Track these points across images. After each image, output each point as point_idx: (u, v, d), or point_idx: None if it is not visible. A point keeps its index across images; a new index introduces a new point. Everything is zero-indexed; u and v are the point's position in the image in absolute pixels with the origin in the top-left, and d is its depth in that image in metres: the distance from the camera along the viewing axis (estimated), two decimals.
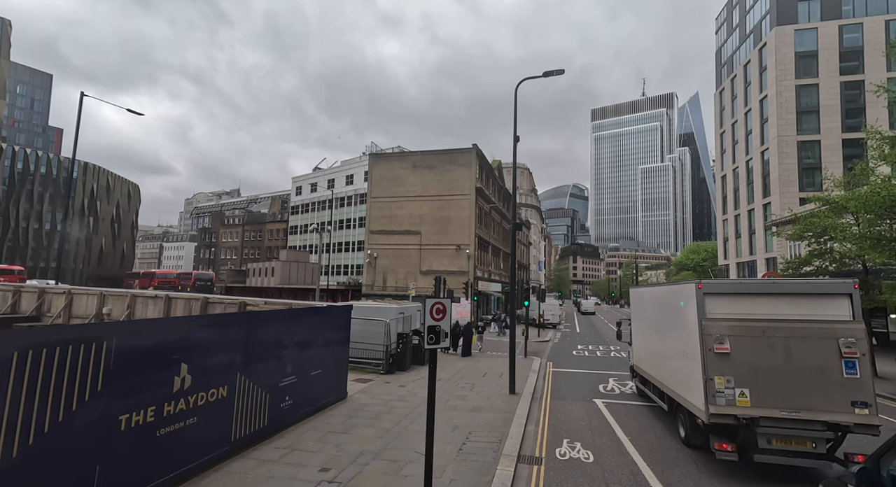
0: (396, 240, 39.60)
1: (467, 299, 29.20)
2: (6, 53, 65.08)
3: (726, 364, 7.20)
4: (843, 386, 6.80)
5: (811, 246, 19.60)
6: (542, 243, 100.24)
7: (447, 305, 5.67)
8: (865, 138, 17.33)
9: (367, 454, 7.49)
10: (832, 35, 39.34)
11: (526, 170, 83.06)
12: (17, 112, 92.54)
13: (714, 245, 70.98)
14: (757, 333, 7.23)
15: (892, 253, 15.24)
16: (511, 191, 34.24)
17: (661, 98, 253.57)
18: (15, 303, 22.57)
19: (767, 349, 7.13)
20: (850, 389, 6.76)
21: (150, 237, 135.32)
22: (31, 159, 69.86)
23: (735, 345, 7.23)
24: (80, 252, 73.78)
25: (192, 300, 18.76)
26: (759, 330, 7.23)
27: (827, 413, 6.77)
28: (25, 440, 4.36)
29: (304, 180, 62.75)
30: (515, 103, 13.99)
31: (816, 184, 36.18)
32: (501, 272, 48.69)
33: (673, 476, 7.30)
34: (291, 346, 8.75)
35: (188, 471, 6.20)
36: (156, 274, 55.67)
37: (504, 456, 7.58)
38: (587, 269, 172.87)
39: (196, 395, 6.29)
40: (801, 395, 6.90)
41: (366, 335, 14.68)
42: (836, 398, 6.79)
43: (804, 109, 39.44)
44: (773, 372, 7.04)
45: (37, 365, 4.47)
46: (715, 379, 7.20)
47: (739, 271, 46.75)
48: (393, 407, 10.50)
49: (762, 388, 7.02)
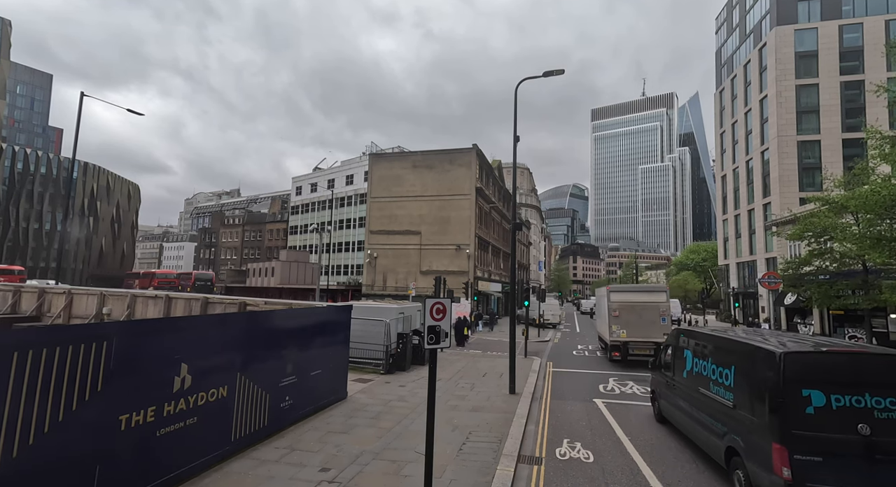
0: (396, 240, 39.60)
1: (467, 299, 29.21)
2: (6, 53, 65.06)
3: (617, 320, 18.23)
4: (659, 327, 17.59)
5: (811, 246, 19.60)
6: (542, 243, 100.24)
7: (447, 305, 5.67)
8: (865, 138, 17.31)
9: (368, 454, 7.48)
10: (832, 35, 39.32)
11: (526, 170, 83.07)
12: (17, 112, 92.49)
13: (714, 245, 70.92)
14: (629, 307, 18.30)
15: (892, 253, 15.23)
16: (511, 191, 34.25)
17: (661, 98, 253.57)
18: (15, 303, 22.55)
19: (634, 313, 18.13)
20: (661, 328, 17.36)
21: (150, 237, 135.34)
22: (31, 159, 69.85)
23: (621, 312, 18.26)
24: (80, 252, 73.79)
25: (192, 300, 18.74)
26: (630, 306, 18.34)
27: (653, 337, 17.32)
28: (26, 440, 4.36)
29: (304, 180, 62.75)
30: (515, 104, 13.97)
31: (816, 184, 36.17)
32: (501, 272, 48.69)
33: (673, 476, 7.31)
34: (291, 346, 8.74)
35: (188, 471, 6.20)
36: (156, 275, 55.64)
37: (504, 456, 7.58)
38: (587, 269, 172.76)
39: (196, 395, 6.29)
40: (645, 331, 17.81)
41: (366, 335, 14.67)
42: (656, 332, 17.34)
43: (804, 109, 39.42)
44: (635, 323, 18.00)
45: (37, 365, 4.47)
46: (612, 326, 18.32)
47: (739, 271, 46.76)
48: (393, 407, 10.49)
49: (631, 329, 18.00)
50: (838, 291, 18.70)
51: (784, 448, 5.52)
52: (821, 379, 5.67)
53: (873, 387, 5.53)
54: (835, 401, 5.53)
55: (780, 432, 5.59)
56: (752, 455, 6.13)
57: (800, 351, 5.98)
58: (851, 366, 5.82)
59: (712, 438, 7.35)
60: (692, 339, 8.86)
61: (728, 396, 6.98)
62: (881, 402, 5.45)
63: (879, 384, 5.57)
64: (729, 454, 6.77)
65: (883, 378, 5.63)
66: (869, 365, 5.85)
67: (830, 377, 5.69)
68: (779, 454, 5.54)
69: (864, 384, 5.57)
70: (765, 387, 5.99)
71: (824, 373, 5.74)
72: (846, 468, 5.36)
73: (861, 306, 18.27)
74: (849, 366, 5.82)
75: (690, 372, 8.56)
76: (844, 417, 5.47)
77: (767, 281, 24.47)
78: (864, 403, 5.48)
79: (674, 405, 9.32)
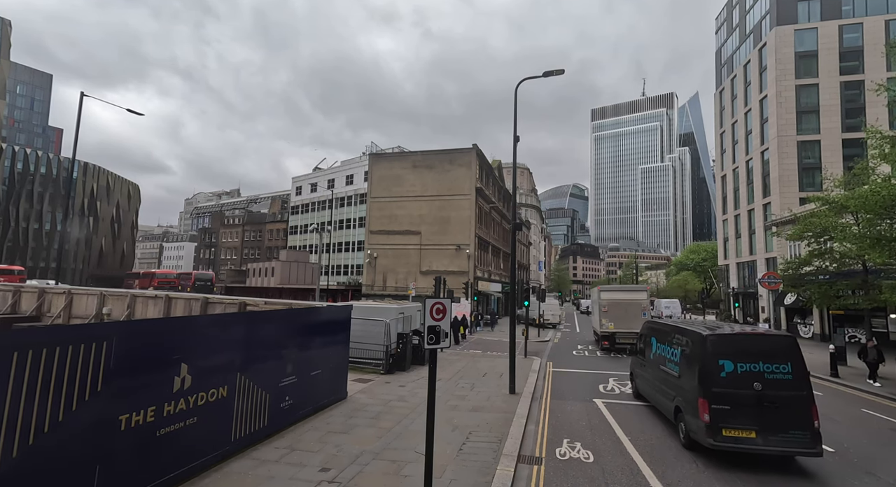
0: (396, 240, 39.59)
1: (467, 299, 29.21)
2: (6, 53, 65.03)
3: (606, 314, 22.70)
4: (641, 320, 17.60)
5: (811, 246, 19.60)
6: (542, 243, 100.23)
7: (447, 305, 5.67)
8: (866, 138, 17.31)
9: (368, 454, 7.48)
10: (832, 35, 39.30)
11: (526, 170, 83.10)
12: (17, 112, 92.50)
13: (714, 245, 70.93)
14: (616, 304, 22.69)
15: (892, 253, 15.24)
16: (511, 191, 34.21)
17: (661, 98, 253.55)
18: (15, 303, 22.55)
19: (620, 309, 22.42)
20: (643, 321, 14.86)
21: (150, 237, 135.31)
22: (31, 159, 69.83)
23: (609, 308, 22.67)
24: (80, 252, 73.77)
25: (192, 300, 18.73)
26: (617, 303, 22.71)
27: (636, 329, 16.82)
28: (26, 440, 4.36)
29: (304, 180, 62.74)
30: (515, 104, 13.98)
31: (816, 184, 36.14)
32: (501, 272, 48.68)
33: (673, 476, 7.31)
34: (291, 346, 8.74)
35: (188, 471, 6.20)
36: (156, 275, 55.58)
37: (504, 456, 7.58)
38: (587, 269, 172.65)
39: (196, 395, 6.29)
40: (629, 323, 21.08)
41: (366, 335, 14.67)
42: (638, 324, 16.07)
43: (804, 109, 39.40)
44: (621, 317, 22.20)
45: (37, 365, 4.46)
46: (602, 320, 22.87)
47: (739, 271, 46.75)
48: (393, 407, 10.49)
49: (617, 322, 22.13)
50: (838, 291, 18.70)
51: (706, 401, 7.87)
52: (731, 352, 8.06)
53: (764, 357, 7.93)
54: (739, 367, 7.91)
55: (703, 390, 7.97)
56: (688, 409, 8.48)
57: (718, 334, 8.47)
58: (751, 344, 8.24)
59: (667, 401, 9.81)
60: (657, 328, 11.35)
61: (675, 369, 9.49)
62: (769, 367, 7.87)
63: (768, 355, 7.97)
64: (676, 411, 9.13)
65: (770, 351, 8.05)
66: (762, 342, 8.32)
67: (737, 351, 8.08)
68: (702, 405, 7.90)
69: (759, 355, 7.97)
70: (696, 360, 8.43)
71: (733, 349, 8.13)
72: (744, 413, 7.66)
73: (861, 306, 18.28)
74: (749, 343, 8.24)
75: (655, 354, 10.98)
76: (745, 378, 7.84)
77: (767, 282, 24.48)
78: (758, 368, 7.86)
79: (645, 381, 11.74)
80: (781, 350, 8.04)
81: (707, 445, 7.72)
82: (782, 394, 7.67)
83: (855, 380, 16.34)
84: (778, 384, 7.73)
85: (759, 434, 7.52)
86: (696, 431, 8.07)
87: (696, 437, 8.06)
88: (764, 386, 7.70)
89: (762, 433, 7.51)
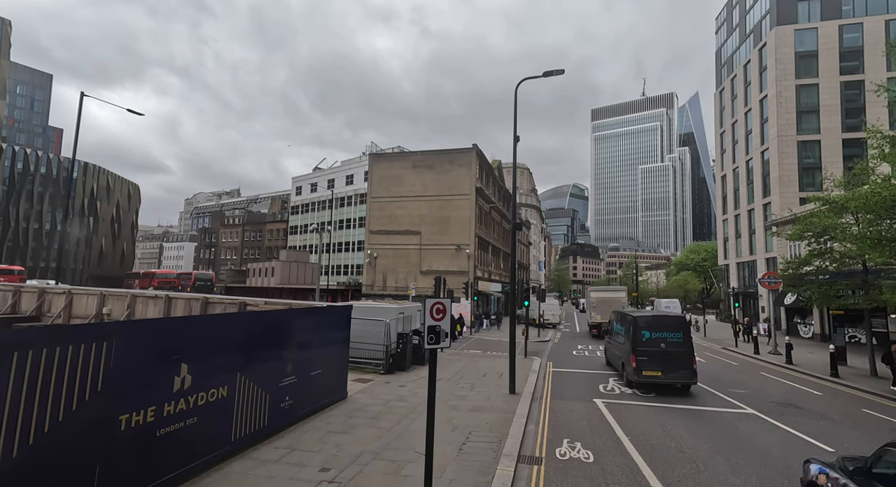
0: (396, 240, 39.59)
1: (467, 299, 29.20)
2: (6, 53, 65.04)
3: (595, 309, 31.59)
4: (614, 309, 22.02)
5: (811, 246, 19.58)
6: (542, 243, 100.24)
7: (447, 305, 5.67)
8: (866, 137, 17.28)
9: (368, 454, 7.48)
10: (832, 35, 39.29)
11: (526, 170, 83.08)
12: (17, 112, 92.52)
13: (714, 245, 70.96)
14: (602, 300, 31.46)
15: (892, 253, 15.22)
16: (511, 191, 34.22)
17: (661, 98, 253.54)
18: (15, 303, 22.55)
19: (605, 304, 30.24)
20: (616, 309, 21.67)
21: (150, 237, 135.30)
22: (31, 159, 69.83)
23: (597, 304, 31.54)
24: (80, 252, 73.77)
25: (192, 300, 18.73)
26: (602, 300, 31.56)
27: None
28: (26, 440, 4.36)
29: (304, 180, 62.73)
30: (515, 104, 13.97)
31: (816, 184, 36.15)
32: (501, 272, 48.69)
33: (673, 475, 7.31)
34: (291, 346, 8.74)
35: (188, 471, 6.20)
36: (156, 275, 55.55)
37: (504, 456, 7.58)
38: (587, 269, 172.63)
39: (196, 395, 6.28)
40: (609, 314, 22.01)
41: (366, 335, 14.67)
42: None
43: (804, 109, 39.40)
44: (606, 310, 28.13)
45: (37, 365, 4.46)
46: (592, 313, 32.04)
47: (739, 271, 46.76)
48: (393, 407, 10.49)
49: (603, 314, 29.09)
50: (838, 291, 18.67)
51: (634, 355, 13.39)
52: (648, 326, 13.72)
53: (667, 328, 13.63)
54: (653, 335, 13.46)
55: (633, 349, 13.48)
56: (626, 363, 14.06)
57: (641, 315, 14.69)
58: (659, 321, 14.09)
59: (618, 360, 15.77)
60: (617, 315, 17.26)
61: (622, 340, 15.06)
62: (669, 335, 13.46)
63: (670, 327, 13.71)
64: (622, 366, 14.90)
65: (671, 325, 13.81)
66: (665, 320, 14.21)
67: (652, 325, 13.78)
68: (633, 358, 13.42)
69: (664, 327, 13.69)
70: (630, 331, 13.89)
71: (649, 324, 13.83)
72: (655, 361, 13.22)
73: (861, 306, 18.26)
74: (659, 321, 14.10)
75: (614, 332, 17.07)
76: (656, 341, 13.38)
77: (767, 281, 24.45)
78: (663, 335, 13.44)
79: (609, 351, 17.97)
80: (677, 324, 13.83)
81: (634, 380, 13.39)
82: (676, 350, 13.23)
83: (855, 380, 16.34)
84: (674, 344, 13.30)
85: (663, 373, 13.14)
86: (630, 373, 13.56)
87: (629, 378, 13.63)
88: (666, 345, 13.28)
89: (665, 372, 13.14)
